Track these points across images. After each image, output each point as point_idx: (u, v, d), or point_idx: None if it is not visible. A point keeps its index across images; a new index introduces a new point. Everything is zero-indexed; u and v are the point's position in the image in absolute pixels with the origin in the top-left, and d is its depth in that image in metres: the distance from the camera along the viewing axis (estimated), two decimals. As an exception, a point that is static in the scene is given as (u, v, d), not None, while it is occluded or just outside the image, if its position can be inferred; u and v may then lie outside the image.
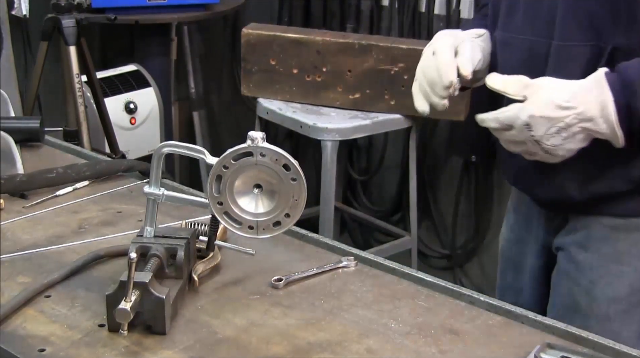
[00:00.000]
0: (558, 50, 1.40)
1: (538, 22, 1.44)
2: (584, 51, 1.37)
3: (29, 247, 1.41)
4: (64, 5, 3.00)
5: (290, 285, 1.32)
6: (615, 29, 1.33)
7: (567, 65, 1.39)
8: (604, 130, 1.31)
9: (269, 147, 1.19)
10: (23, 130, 1.84)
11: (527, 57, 1.46)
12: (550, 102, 1.31)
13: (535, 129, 1.32)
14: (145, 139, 3.65)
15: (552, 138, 1.32)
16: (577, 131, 1.31)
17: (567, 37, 1.39)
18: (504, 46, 1.53)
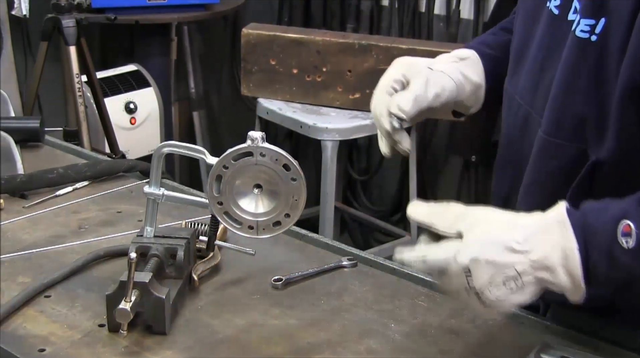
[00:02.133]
0: (541, 141, 1.20)
1: (537, 94, 1.24)
2: (566, 152, 1.17)
3: (29, 247, 1.41)
4: (64, 5, 3.00)
5: (290, 285, 1.32)
6: (601, 136, 1.13)
7: (550, 159, 1.20)
8: (563, 283, 1.01)
9: (269, 147, 1.19)
10: (23, 130, 1.84)
11: (523, 126, 1.27)
12: (497, 242, 1.02)
13: (477, 277, 1.01)
14: (145, 139, 3.65)
15: (497, 289, 1.01)
16: (530, 281, 1.02)
17: (553, 132, 1.18)
18: (506, 99, 1.34)
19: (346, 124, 2.89)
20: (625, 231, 0.99)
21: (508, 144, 1.34)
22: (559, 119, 1.18)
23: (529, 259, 1.01)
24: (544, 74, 1.23)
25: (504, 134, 1.35)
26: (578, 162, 1.16)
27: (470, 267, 1.01)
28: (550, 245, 1.02)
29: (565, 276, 1.01)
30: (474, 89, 1.37)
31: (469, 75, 1.36)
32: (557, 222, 1.03)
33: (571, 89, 1.16)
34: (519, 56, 1.31)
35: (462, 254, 1.02)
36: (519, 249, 1.01)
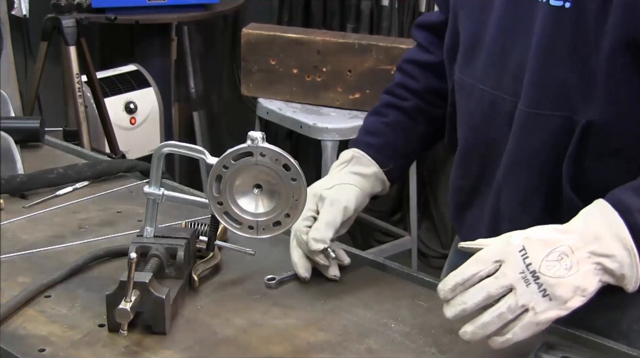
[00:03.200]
0: (523, 115, 1.21)
1: (504, 76, 1.24)
2: (553, 122, 1.18)
3: (29, 247, 1.41)
4: (64, 5, 3.00)
5: (290, 285, 1.32)
6: (589, 101, 1.14)
7: (533, 133, 1.20)
8: (616, 251, 1.06)
9: (269, 147, 1.19)
10: (23, 130, 1.84)
11: (489, 112, 1.27)
12: (545, 228, 1.09)
13: (532, 252, 1.06)
14: (145, 139, 3.65)
15: (553, 266, 1.05)
16: (583, 258, 1.06)
17: (534, 103, 1.19)
18: (462, 91, 1.34)
19: (346, 124, 2.89)
20: None
21: (471, 135, 1.34)
22: (541, 90, 1.19)
23: (577, 234, 1.07)
24: (508, 53, 1.23)
25: (466, 127, 1.35)
26: (565, 131, 1.18)
27: (524, 245, 1.06)
28: (594, 222, 1.08)
29: (616, 243, 1.06)
30: (373, 178, 1.39)
31: (361, 171, 1.38)
32: (596, 207, 1.10)
33: (550, 59, 1.17)
34: (472, 47, 1.30)
35: (514, 236, 1.08)
36: (566, 230, 1.08)
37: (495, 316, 1.07)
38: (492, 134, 1.28)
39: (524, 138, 1.22)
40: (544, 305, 1.05)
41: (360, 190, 1.36)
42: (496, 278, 1.07)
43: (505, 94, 1.24)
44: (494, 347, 1.09)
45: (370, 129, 1.45)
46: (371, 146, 1.41)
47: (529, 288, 1.05)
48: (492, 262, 1.07)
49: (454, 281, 1.09)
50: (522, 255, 1.06)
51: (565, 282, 1.05)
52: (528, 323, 1.06)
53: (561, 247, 1.06)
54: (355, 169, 1.39)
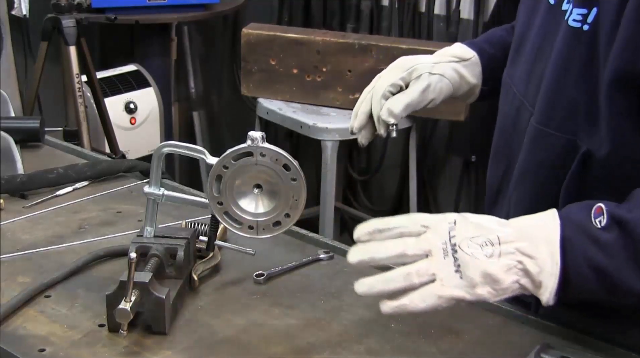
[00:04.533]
0: (533, 130, 1.22)
1: (530, 85, 1.25)
2: (558, 142, 1.18)
3: (29, 247, 1.41)
4: (64, 5, 3.00)
5: (290, 285, 1.32)
6: (593, 127, 1.13)
7: (540, 150, 1.21)
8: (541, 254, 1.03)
9: (269, 147, 1.19)
10: (23, 130, 1.84)
11: (516, 116, 1.28)
12: (487, 217, 1.07)
13: (460, 229, 1.04)
14: (145, 139, 3.65)
15: (474, 247, 1.03)
16: (508, 251, 1.03)
17: (544, 120, 1.20)
18: (503, 88, 1.36)
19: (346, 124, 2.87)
20: (597, 213, 1.04)
21: (501, 134, 1.36)
22: (551, 108, 1.19)
23: (513, 229, 1.05)
24: (537, 63, 1.24)
25: (498, 124, 1.37)
26: (567, 153, 1.17)
27: (457, 219, 1.05)
28: (534, 224, 1.06)
29: (544, 246, 1.03)
30: (470, 89, 1.43)
31: (467, 77, 1.41)
32: (546, 213, 1.07)
33: (563, 78, 1.17)
34: (518, 46, 1.32)
35: (450, 214, 1.07)
36: (505, 223, 1.06)
37: (402, 274, 1.04)
38: (515, 139, 1.28)
39: (532, 152, 1.23)
40: (453, 281, 1.03)
41: (453, 93, 1.40)
42: (417, 240, 1.05)
43: (528, 103, 1.25)
44: (385, 311, 1.07)
45: (494, 42, 1.46)
46: (487, 57, 1.43)
47: (444, 260, 1.03)
48: (420, 224, 1.06)
49: (374, 226, 1.07)
50: (449, 228, 1.04)
51: (479, 265, 1.02)
52: (430, 293, 1.04)
53: (490, 235, 1.04)
54: (464, 71, 1.40)
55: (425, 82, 1.35)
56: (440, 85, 1.37)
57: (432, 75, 1.36)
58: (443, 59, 1.40)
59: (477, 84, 1.42)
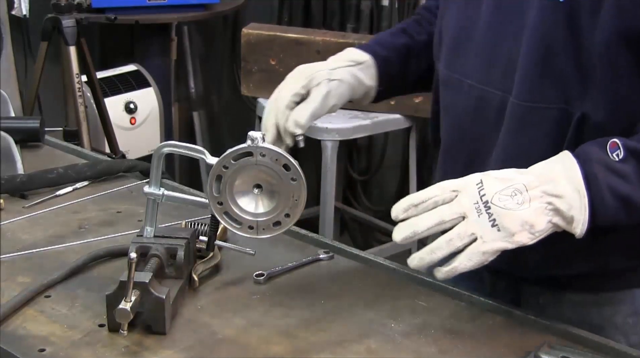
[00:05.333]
0: (516, 109, 1.21)
1: (493, 71, 1.25)
2: (549, 115, 1.19)
3: (29, 247, 1.41)
4: (64, 5, 3.00)
5: (290, 285, 1.32)
6: (585, 94, 1.15)
7: (530, 127, 1.21)
8: (568, 193, 1.10)
9: (269, 147, 1.19)
10: (23, 130, 1.84)
11: (477, 107, 1.28)
12: (506, 170, 1.14)
13: (488, 186, 1.10)
14: (145, 139, 3.65)
15: (505, 199, 1.10)
16: (536, 196, 1.10)
17: (528, 96, 1.19)
18: (448, 87, 1.34)
19: (346, 124, 2.89)
20: (613, 147, 1.11)
21: (457, 132, 1.34)
22: (537, 84, 1.20)
23: (534, 175, 1.12)
24: (498, 48, 1.24)
25: (452, 124, 1.35)
26: (562, 123, 1.19)
27: (482, 178, 1.12)
28: (552, 167, 1.12)
29: (569, 184, 1.10)
30: (366, 91, 1.46)
31: (363, 79, 1.43)
32: (559, 156, 1.14)
33: (546, 52, 1.18)
34: (460, 41, 1.32)
35: (475, 175, 1.13)
36: (525, 171, 1.13)
37: (444, 241, 1.10)
38: (479, 129, 1.28)
39: (521, 132, 1.22)
40: (492, 235, 1.09)
41: (351, 96, 1.42)
42: (450, 205, 1.11)
43: (494, 88, 1.25)
44: (439, 277, 1.14)
45: (386, 45, 1.48)
46: (381, 59, 1.44)
47: (480, 218, 1.10)
48: (450, 190, 1.12)
49: (409, 202, 1.13)
50: (478, 187, 1.11)
51: (514, 214, 1.09)
52: (475, 251, 1.09)
53: (516, 184, 1.10)
54: (360, 74, 1.42)
55: (326, 89, 1.35)
56: (340, 90, 1.39)
57: (331, 81, 1.37)
58: (339, 64, 1.41)
59: (372, 86, 1.44)
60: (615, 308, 1.30)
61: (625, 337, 1.29)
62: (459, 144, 1.34)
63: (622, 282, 1.30)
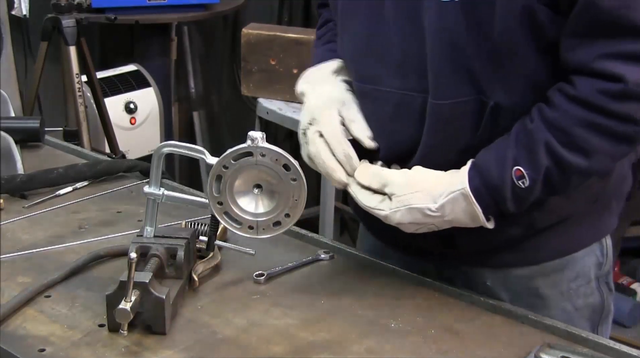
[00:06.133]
0: (436, 108, 1.24)
1: (407, 75, 1.27)
2: (467, 108, 1.22)
3: (29, 247, 1.41)
4: (64, 5, 3.00)
5: (290, 285, 1.32)
6: (494, 80, 1.20)
7: (452, 123, 1.24)
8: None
9: (269, 147, 1.19)
10: (23, 130, 1.84)
11: (399, 112, 1.29)
12: (418, 209, 1.21)
13: (405, 229, 1.24)
14: (145, 139, 3.64)
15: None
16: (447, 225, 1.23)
17: (445, 94, 1.22)
18: (364, 98, 1.33)
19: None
20: (518, 175, 1.18)
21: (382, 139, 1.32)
22: (448, 81, 1.22)
23: (443, 220, 1.22)
24: (406, 54, 1.25)
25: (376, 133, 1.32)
26: (479, 113, 1.22)
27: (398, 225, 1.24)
28: (460, 211, 1.21)
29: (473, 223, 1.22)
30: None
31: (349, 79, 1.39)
32: (462, 194, 1.20)
33: (452, 49, 1.19)
34: (366, 53, 1.31)
35: (390, 218, 1.24)
36: (435, 215, 1.21)
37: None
38: (402, 133, 1.29)
39: (443, 128, 1.24)
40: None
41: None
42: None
43: (412, 91, 1.26)
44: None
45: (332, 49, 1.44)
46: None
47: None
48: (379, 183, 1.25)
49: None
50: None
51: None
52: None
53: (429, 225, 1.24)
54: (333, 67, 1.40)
55: (353, 101, 1.34)
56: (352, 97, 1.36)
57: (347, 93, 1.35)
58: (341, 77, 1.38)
59: None
60: (559, 276, 1.34)
61: (570, 302, 1.35)
62: (385, 149, 1.33)
63: (556, 247, 1.34)
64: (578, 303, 1.36)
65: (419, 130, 1.26)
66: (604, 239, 1.39)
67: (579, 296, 1.36)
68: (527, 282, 1.34)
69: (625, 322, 3.15)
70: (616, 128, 1.15)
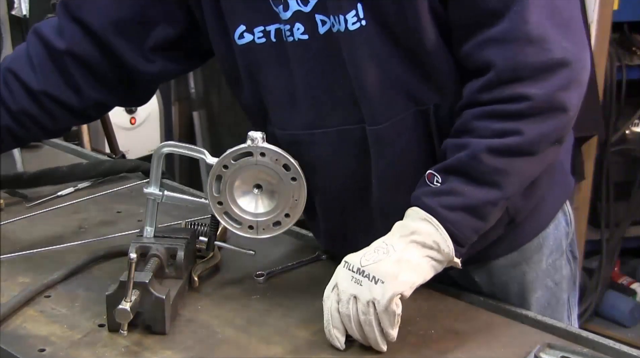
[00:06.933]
0: (375, 133, 1.22)
1: (339, 110, 1.24)
2: (407, 122, 1.22)
3: (29, 247, 1.41)
4: (64, 5, 2.99)
5: (290, 285, 1.32)
6: (426, 88, 1.20)
7: (397, 141, 1.22)
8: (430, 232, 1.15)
9: (269, 147, 1.19)
10: (23, 130, 1.83)
11: (337, 149, 1.26)
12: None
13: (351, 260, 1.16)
14: (145, 139, 3.64)
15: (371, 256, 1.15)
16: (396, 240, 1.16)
17: (381, 117, 1.21)
18: (296, 145, 1.27)
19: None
20: (430, 178, 1.18)
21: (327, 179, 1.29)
22: (384, 101, 1.21)
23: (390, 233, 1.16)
24: (334, 91, 1.23)
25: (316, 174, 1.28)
26: (423, 123, 1.22)
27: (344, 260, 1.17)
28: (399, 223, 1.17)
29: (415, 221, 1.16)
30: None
31: None
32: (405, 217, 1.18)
33: (374, 72, 1.19)
34: (288, 102, 1.27)
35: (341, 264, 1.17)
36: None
37: (359, 325, 1.13)
38: (347, 167, 1.27)
39: (385, 151, 1.23)
40: (381, 290, 1.11)
41: None
42: (340, 301, 1.15)
43: (349, 124, 1.24)
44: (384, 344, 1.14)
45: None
46: None
47: (362, 286, 1.12)
48: (331, 291, 1.16)
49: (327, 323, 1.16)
50: (345, 267, 1.15)
51: (386, 260, 1.13)
52: (381, 313, 1.11)
53: (374, 244, 1.16)
54: None
55: None
56: None
57: None
58: None
59: None
60: (538, 255, 1.35)
61: (550, 277, 1.36)
62: (332, 190, 1.30)
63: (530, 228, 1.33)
64: (556, 277, 1.37)
65: (363, 160, 1.25)
66: (566, 206, 1.39)
67: (556, 270, 1.37)
68: (512, 270, 1.34)
69: (625, 322, 3.16)
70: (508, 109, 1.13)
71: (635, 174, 3.22)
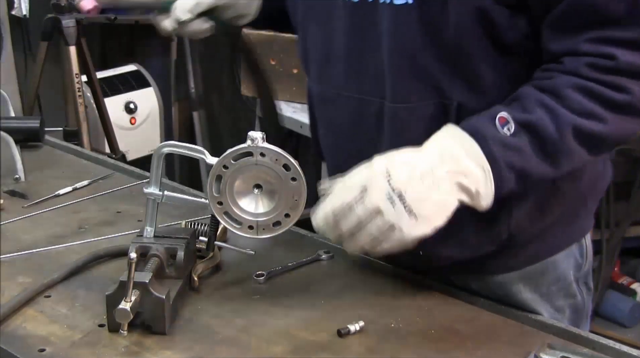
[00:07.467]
0: (393, 111, 1.23)
1: (365, 79, 1.26)
2: (427, 111, 1.21)
3: (29, 247, 1.41)
4: (64, 5, 3.00)
5: (290, 285, 1.32)
6: (456, 85, 1.19)
7: (410, 128, 1.22)
8: (472, 169, 1.12)
9: (269, 147, 1.19)
10: (23, 130, 1.84)
11: (357, 118, 1.29)
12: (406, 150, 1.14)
13: (396, 175, 1.10)
14: (145, 139, 3.65)
15: (416, 185, 1.10)
16: (442, 177, 1.11)
17: (402, 98, 1.22)
18: (324, 102, 1.35)
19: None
20: (503, 122, 1.14)
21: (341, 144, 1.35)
22: (409, 84, 1.22)
23: (436, 155, 1.12)
24: (364, 57, 1.26)
25: (334, 137, 1.35)
26: (440, 116, 1.21)
27: (387, 167, 1.11)
28: (448, 141, 1.14)
29: (471, 161, 1.12)
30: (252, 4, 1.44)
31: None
32: (448, 131, 1.16)
33: (408, 53, 1.20)
34: (326, 57, 1.32)
35: (377, 161, 1.12)
36: (424, 150, 1.14)
37: (367, 237, 1.12)
38: (362, 138, 1.29)
39: (402, 132, 1.24)
40: (410, 224, 1.10)
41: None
42: (364, 205, 1.10)
43: (370, 96, 1.27)
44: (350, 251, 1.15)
45: None
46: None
47: (395, 209, 1.10)
48: (358, 189, 1.11)
49: (325, 212, 1.13)
50: (386, 179, 1.10)
51: (428, 200, 1.11)
52: (395, 241, 1.11)
53: (422, 164, 1.11)
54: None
55: None
56: None
57: None
58: None
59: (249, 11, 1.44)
60: (539, 280, 1.34)
61: (550, 302, 1.34)
62: (345, 155, 1.32)
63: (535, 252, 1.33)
64: (558, 303, 1.36)
65: (378, 136, 1.26)
66: (583, 239, 1.39)
67: (559, 297, 1.36)
68: (509, 287, 1.33)
69: (625, 322, 3.16)
70: (607, 94, 1.12)
71: (635, 173, 3.22)
